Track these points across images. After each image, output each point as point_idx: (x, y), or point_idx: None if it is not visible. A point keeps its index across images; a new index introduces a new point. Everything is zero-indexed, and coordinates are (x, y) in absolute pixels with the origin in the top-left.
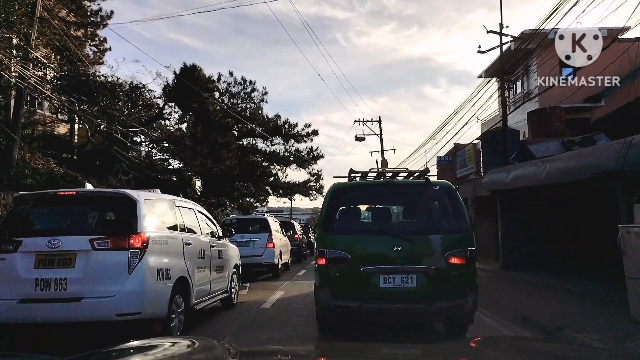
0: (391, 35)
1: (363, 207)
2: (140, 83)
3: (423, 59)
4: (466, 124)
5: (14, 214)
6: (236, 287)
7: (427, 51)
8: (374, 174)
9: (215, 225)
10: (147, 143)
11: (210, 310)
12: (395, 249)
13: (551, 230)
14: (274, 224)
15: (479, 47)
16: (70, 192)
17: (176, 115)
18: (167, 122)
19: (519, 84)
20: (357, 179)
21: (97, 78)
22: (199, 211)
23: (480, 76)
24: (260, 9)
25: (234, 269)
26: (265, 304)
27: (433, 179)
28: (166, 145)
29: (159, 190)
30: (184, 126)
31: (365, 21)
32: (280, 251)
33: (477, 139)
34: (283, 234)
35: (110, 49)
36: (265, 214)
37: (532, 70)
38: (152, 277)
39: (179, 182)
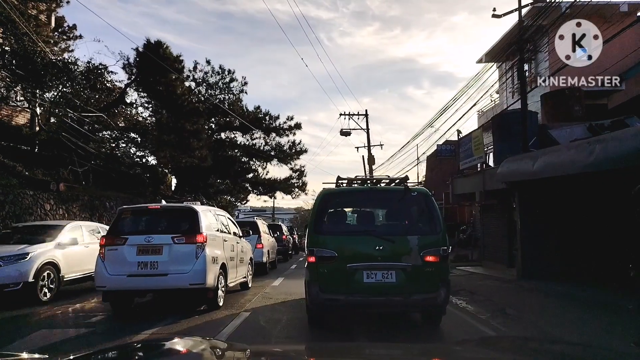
0: (375, 36)
1: (349, 211)
2: (101, 64)
3: (406, 60)
4: (475, 105)
5: (120, 220)
6: (250, 274)
7: (410, 52)
8: (359, 181)
9: (237, 227)
10: (108, 132)
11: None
12: (377, 248)
13: (580, 231)
14: (262, 226)
15: (494, 10)
16: (157, 206)
17: (145, 104)
18: (132, 110)
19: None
20: (344, 185)
21: (44, 55)
22: (228, 217)
23: (480, 61)
24: (243, 8)
25: (249, 261)
26: (219, 335)
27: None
28: (133, 136)
29: (199, 203)
30: (150, 117)
31: (349, 22)
32: (268, 251)
33: (480, 127)
34: (270, 235)
35: (81, 36)
36: (255, 218)
37: (542, 50)
38: (209, 261)
39: (152, 178)
